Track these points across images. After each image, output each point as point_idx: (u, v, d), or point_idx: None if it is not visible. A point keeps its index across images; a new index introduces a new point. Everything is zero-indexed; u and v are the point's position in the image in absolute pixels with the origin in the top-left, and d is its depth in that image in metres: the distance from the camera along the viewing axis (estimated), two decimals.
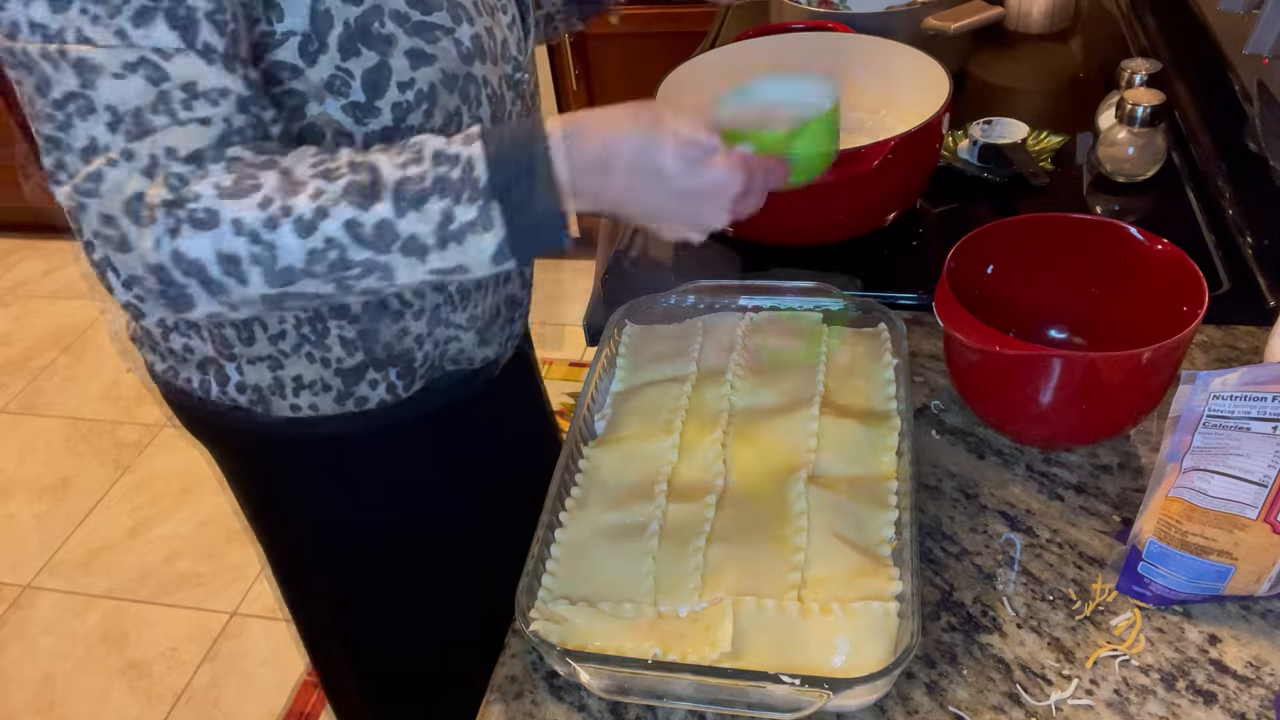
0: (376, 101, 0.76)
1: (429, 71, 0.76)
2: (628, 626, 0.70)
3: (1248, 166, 1.10)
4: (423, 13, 0.75)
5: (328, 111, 0.75)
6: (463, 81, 0.79)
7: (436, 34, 0.76)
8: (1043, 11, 1.55)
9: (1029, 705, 0.68)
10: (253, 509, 1.06)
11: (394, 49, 0.74)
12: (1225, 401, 0.66)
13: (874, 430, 0.83)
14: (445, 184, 0.64)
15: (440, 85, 0.77)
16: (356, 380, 0.89)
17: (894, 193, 1.08)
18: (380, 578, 1.07)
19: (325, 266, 0.65)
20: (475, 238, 0.65)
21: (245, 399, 0.89)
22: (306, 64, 0.72)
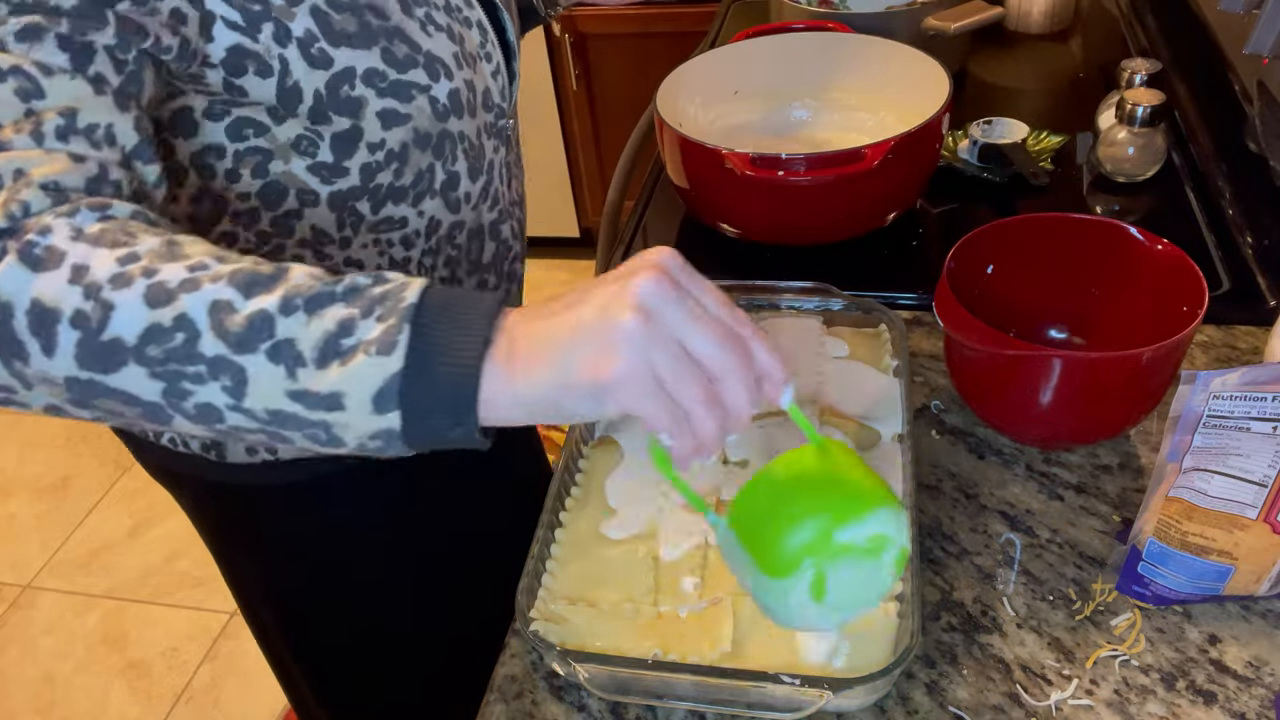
0: (345, 162, 0.73)
1: (401, 131, 0.73)
2: (628, 626, 0.70)
3: (1248, 166, 1.10)
4: (398, 71, 0.72)
5: (292, 170, 0.72)
6: (437, 139, 0.77)
7: (412, 92, 0.73)
8: (1043, 11, 1.55)
9: (1029, 705, 0.68)
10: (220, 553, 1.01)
11: (365, 110, 0.71)
12: (1225, 401, 0.66)
13: (874, 431, 0.83)
14: (358, 294, 0.52)
15: (413, 144, 0.75)
16: None
17: (894, 193, 1.08)
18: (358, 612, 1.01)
19: (162, 353, 0.50)
20: (365, 359, 0.50)
21: (198, 443, 0.85)
22: (274, 123, 0.70)
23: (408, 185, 0.77)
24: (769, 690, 0.64)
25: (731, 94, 1.24)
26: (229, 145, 0.70)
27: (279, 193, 0.73)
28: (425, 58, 0.73)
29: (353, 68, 0.69)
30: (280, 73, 0.67)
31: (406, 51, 0.72)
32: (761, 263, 1.10)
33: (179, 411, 0.52)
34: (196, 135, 0.69)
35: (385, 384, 0.50)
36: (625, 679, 0.67)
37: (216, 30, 0.64)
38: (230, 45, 0.65)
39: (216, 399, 0.51)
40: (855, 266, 1.08)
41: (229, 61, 0.65)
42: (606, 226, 1.28)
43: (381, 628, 1.01)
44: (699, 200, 1.13)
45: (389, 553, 0.97)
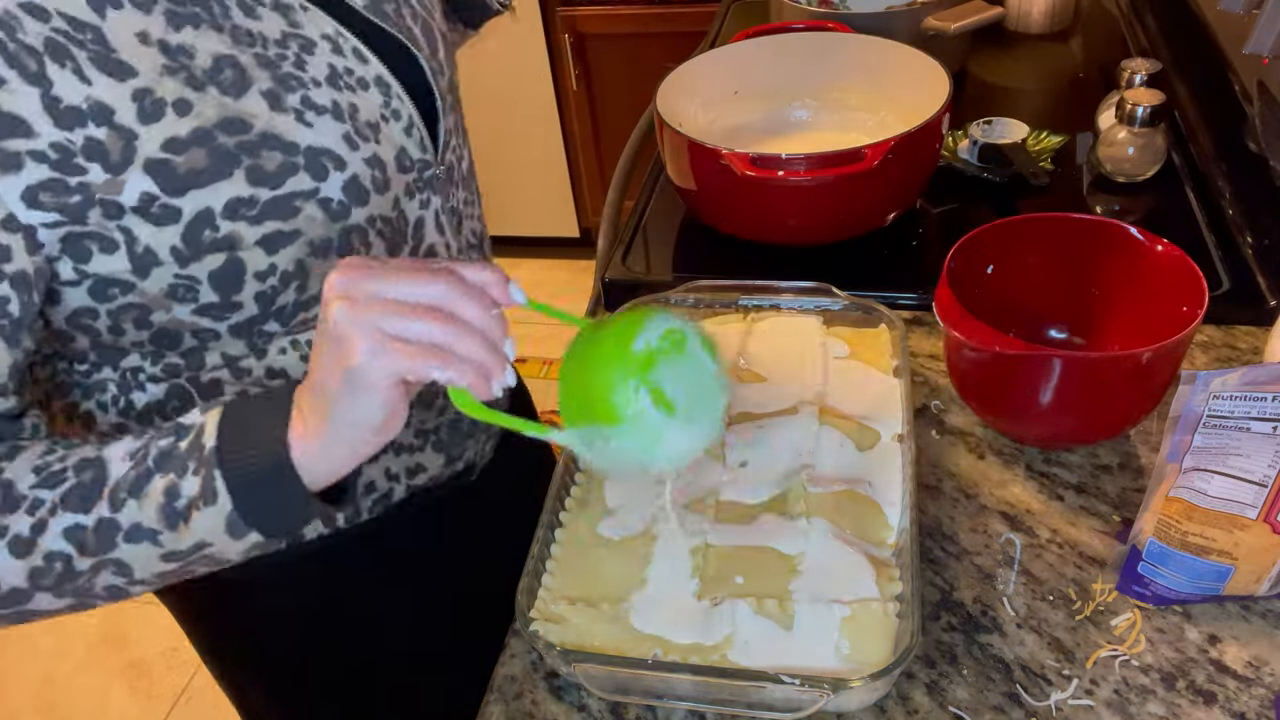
0: (234, 297, 0.66)
1: (291, 250, 0.66)
2: (628, 626, 0.70)
3: (1248, 166, 1.10)
4: (272, 188, 0.63)
5: (177, 316, 0.66)
6: (338, 240, 0.68)
7: (295, 203, 0.65)
8: (1043, 11, 1.55)
9: (1029, 705, 0.68)
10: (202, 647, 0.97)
11: (241, 244, 0.64)
12: (1225, 401, 0.66)
13: (874, 431, 0.84)
14: (168, 459, 0.57)
15: (309, 258, 0.67)
16: None
17: (894, 193, 1.08)
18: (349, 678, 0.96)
19: (52, 580, 0.58)
20: (200, 514, 0.56)
21: None
22: (139, 278, 0.63)
23: (316, 294, 0.69)
24: (769, 690, 0.64)
25: (732, 94, 1.24)
26: (99, 306, 0.65)
27: (172, 337, 0.68)
28: (305, 156, 0.65)
29: (209, 208, 0.62)
30: (126, 243, 0.61)
31: (280, 160, 0.64)
32: (761, 263, 1.10)
33: (97, 600, 0.60)
34: (61, 303, 0.64)
35: (228, 520, 0.57)
36: (625, 679, 0.67)
37: (41, 236, 0.59)
38: (61, 236, 0.60)
39: (116, 582, 0.59)
40: (855, 266, 1.08)
41: (69, 249, 0.61)
42: (606, 226, 1.28)
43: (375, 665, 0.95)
44: (699, 200, 1.13)
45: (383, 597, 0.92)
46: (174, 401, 0.73)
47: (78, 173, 0.58)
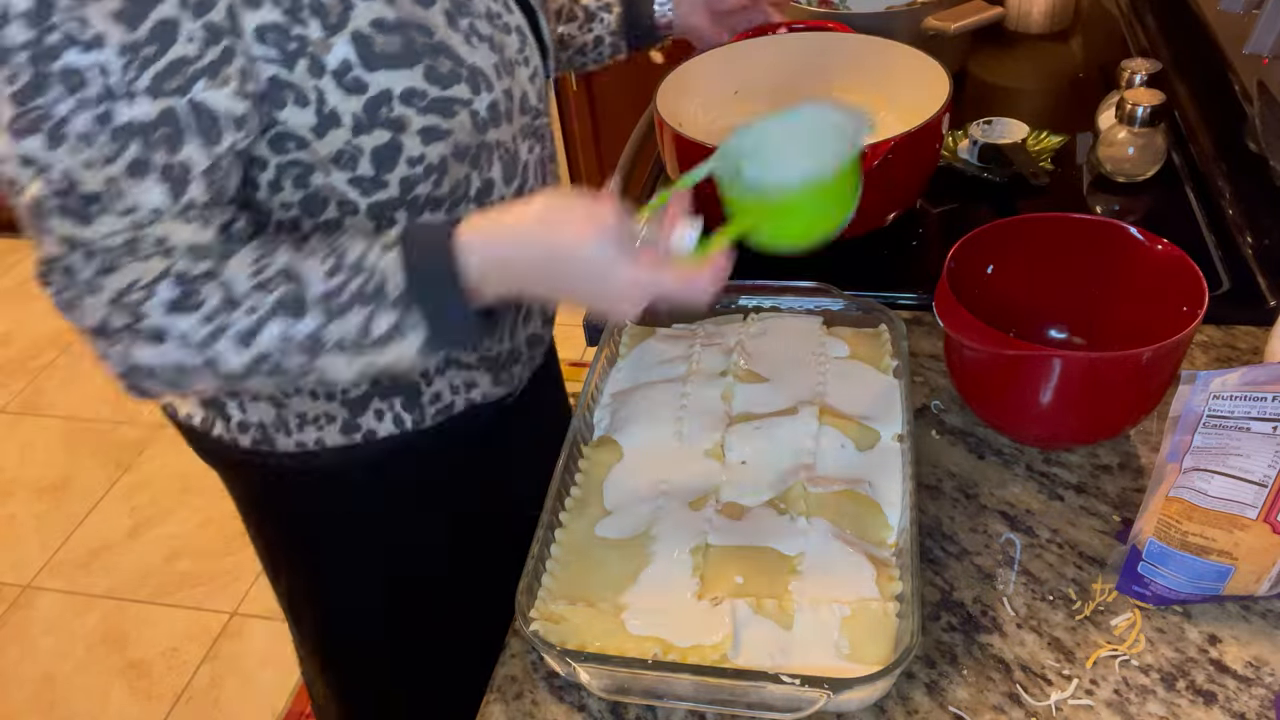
0: (385, 175, 0.75)
1: (441, 146, 0.76)
2: (627, 626, 0.70)
3: (1248, 166, 1.10)
4: (441, 88, 0.73)
5: (333, 182, 0.75)
6: (475, 150, 0.79)
7: (454, 108, 0.75)
8: (1043, 11, 1.55)
9: (1029, 705, 0.68)
10: (257, 531, 1.05)
11: (407, 128, 0.73)
12: (1225, 401, 0.66)
13: (874, 431, 0.84)
14: (363, 295, 0.66)
15: (452, 157, 0.77)
16: (361, 410, 0.87)
17: (894, 193, 1.08)
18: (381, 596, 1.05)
19: (264, 373, 0.68)
20: (395, 343, 0.67)
21: (249, 437, 0.88)
22: (315, 138, 0.72)
23: (445, 194, 0.79)
24: (769, 690, 0.64)
25: (732, 94, 1.24)
26: (271, 158, 0.73)
27: (319, 203, 0.76)
28: (468, 71, 0.75)
29: (389, 90, 0.71)
30: (317, 101, 0.70)
31: (450, 67, 0.74)
32: (761, 262, 1.10)
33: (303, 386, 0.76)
34: None
35: (420, 348, 0.68)
36: (625, 679, 0.67)
37: (259, 68, 0.68)
38: (269, 76, 0.68)
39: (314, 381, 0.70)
40: (855, 266, 1.08)
41: (270, 95, 0.69)
42: None
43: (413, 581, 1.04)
44: (697, 199, 1.13)
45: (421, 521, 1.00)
46: None
47: (300, 25, 0.68)
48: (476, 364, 0.91)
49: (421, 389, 0.89)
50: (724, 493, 0.79)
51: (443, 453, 0.94)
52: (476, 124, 0.77)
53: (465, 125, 0.76)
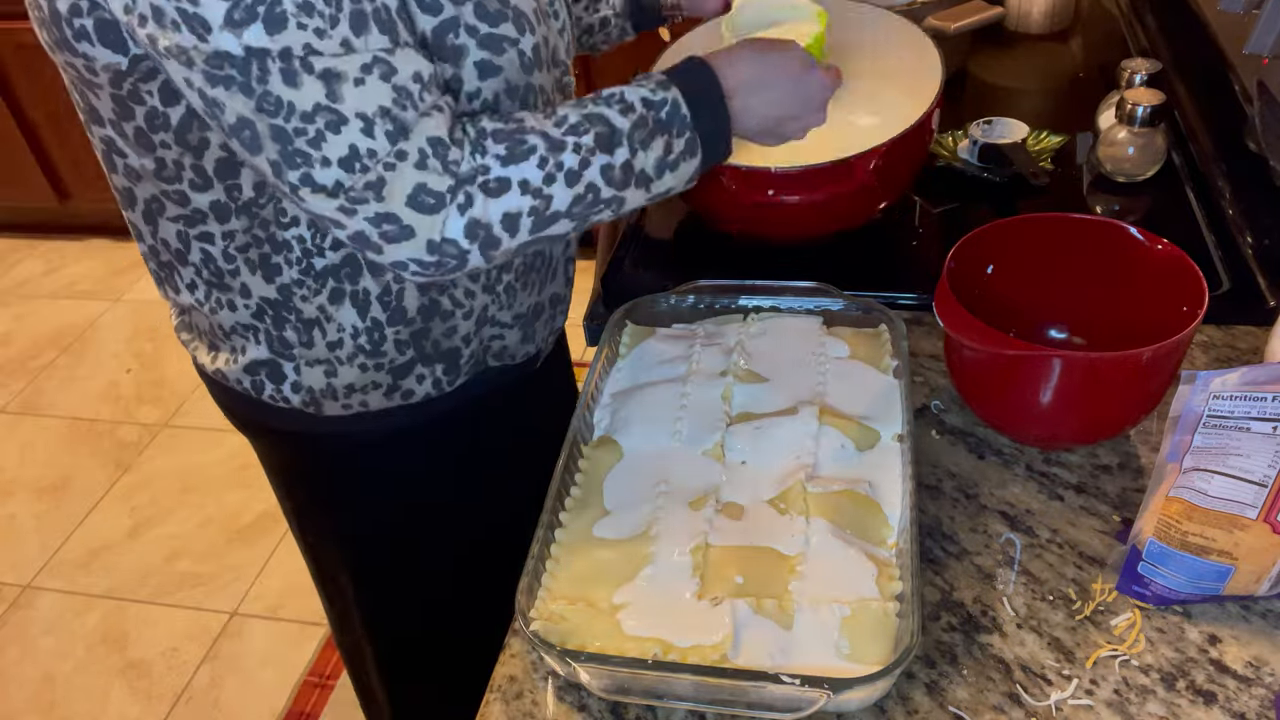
0: None
1: (494, 82, 0.78)
2: (628, 626, 0.70)
3: (1248, 166, 1.10)
4: (490, 25, 0.76)
5: None
6: (523, 91, 0.81)
7: (504, 45, 0.78)
8: (1043, 11, 1.55)
9: (1029, 705, 0.68)
10: (291, 497, 1.08)
11: (465, 59, 0.76)
12: (1225, 401, 0.66)
13: (874, 431, 0.83)
14: (662, 124, 0.76)
15: (504, 95, 0.79)
16: (404, 375, 0.91)
17: (884, 186, 1.08)
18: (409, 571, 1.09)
19: (582, 207, 0.75)
20: (687, 163, 0.79)
21: (299, 399, 0.91)
22: None
23: None
24: (769, 690, 0.64)
25: None
26: None
27: None
28: (513, 12, 0.78)
29: (456, 17, 0.75)
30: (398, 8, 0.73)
31: (497, 6, 0.77)
32: (762, 262, 1.10)
33: (580, 228, 0.78)
34: None
35: (695, 171, 0.80)
36: (625, 679, 0.67)
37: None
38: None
39: (607, 216, 0.78)
40: (855, 266, 1.08)
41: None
42: (606, 227, 1.28)
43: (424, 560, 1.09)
44: (693, 196, 1.13)
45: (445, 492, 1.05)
46: (347, 268, 0.83)
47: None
48: (511, 321, 0.95)
49: (461, 351, 0.93)
50: (724, 493, 0.79)
51: (469, 418, 0.99)
52: (523, 64, 0.80)
53: (514, 63, 0.79)
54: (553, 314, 1.02)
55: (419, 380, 0.92)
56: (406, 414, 0.94)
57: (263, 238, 0.82)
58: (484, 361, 0.96)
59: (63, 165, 2.95)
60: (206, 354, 0.93)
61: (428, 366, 0.92)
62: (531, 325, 0.98)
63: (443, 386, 0.94)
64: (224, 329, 0.89)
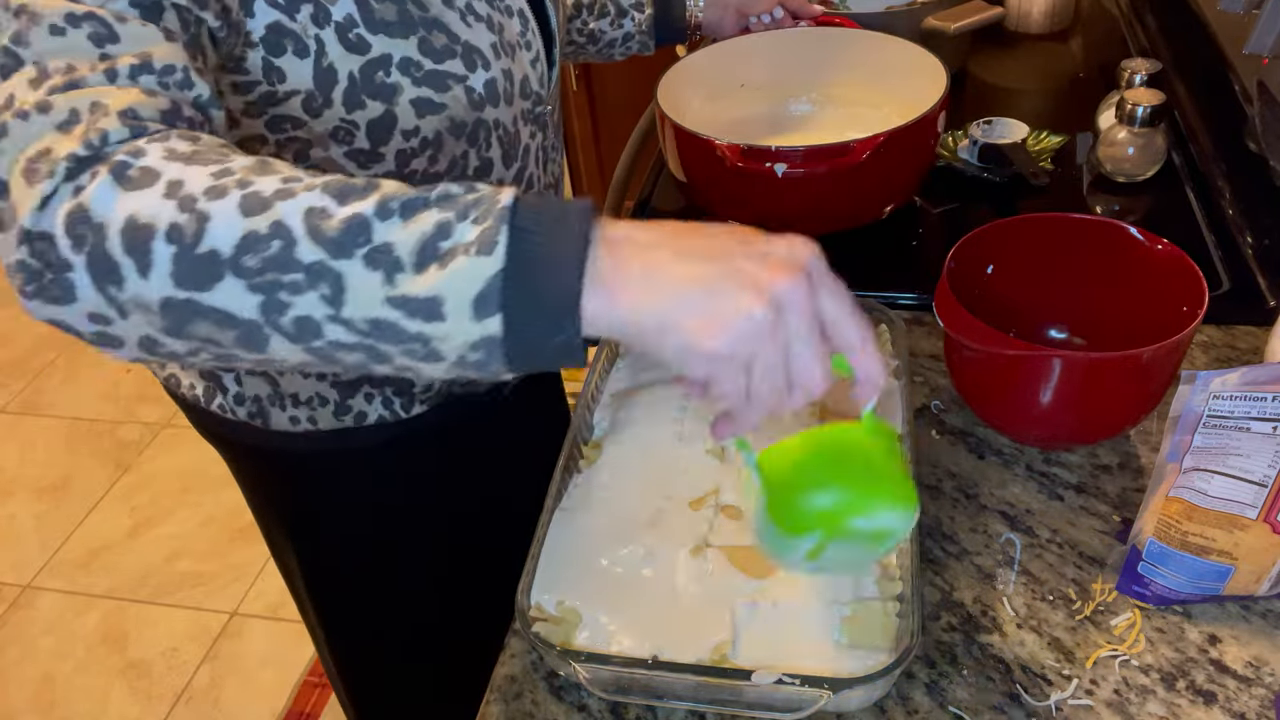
0: (380, 148, 0.75)
1: (435, 120, 0.75)
2: (628, 626, 0.70)
3: (1248, 166, 1.10)
4: (434, 61, 0.74)
5: (331, 156, 0.75)
6: (471, 127, 0.78)
7: (448, 82, 0.75)
8: (1043, 11, 1.55)
9: (1029, 705, 0.68)
10: (257, 512, 1.07)
11: (399, 97, 0.73)
12: (1225, 401, 0.66)
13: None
14: (451, 200, 0.50)
15: (447, 133, 0.77)
16: (352, 393, 0.89)
17: (888, 186, 1.08)
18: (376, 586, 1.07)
19: (259, 262, 0.48)
20: (465, 260, 0.48)
21: (245, 410, 0.90)
22: (310, 117, 0.72)
23: (442, 171, 0.79)
24: (769, 690, 0.64)
25: (738, 87, 1.24)
26: (270, 136, 0.73)
27: None
28: (463, 48, 0.75)
29: (389, 55, 0.71)
30: (316, 53, 0.69)
31: (445, 42, 0.74)
32: None
33: (276, 329, 0.50)
34: (238, 129, 0.72)
35: (486, 286, 0.48)
36: (625, 679, 0.67)
37: (257, 7, 0.67)
38: (269, 22, 0.67)
39: (315, 310, 0.49)
40: (855, 266, 1.07)
41: (268, 39, 0.67)
42: None
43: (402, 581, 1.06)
44: (696, 193, 1.13)
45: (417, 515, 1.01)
46: None
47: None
48: None
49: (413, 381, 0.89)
50: (724, 493, 0.79)
51: (435, 445, 0.95)
52: (472, 100, 0.77)
53: (460, 100, 0.76)
54: None
55: (368, 400, 0.89)
56: (361, 436, 0.91)
57: None
58: (445, 391, 0.93)
59: None
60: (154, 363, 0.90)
61: (377, 387, 0.89)
62: None
63: (396, 410, 0.91)
64: None
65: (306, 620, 1.18)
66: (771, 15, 1.23)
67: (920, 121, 1.02)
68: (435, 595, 1.08)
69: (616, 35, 1.16)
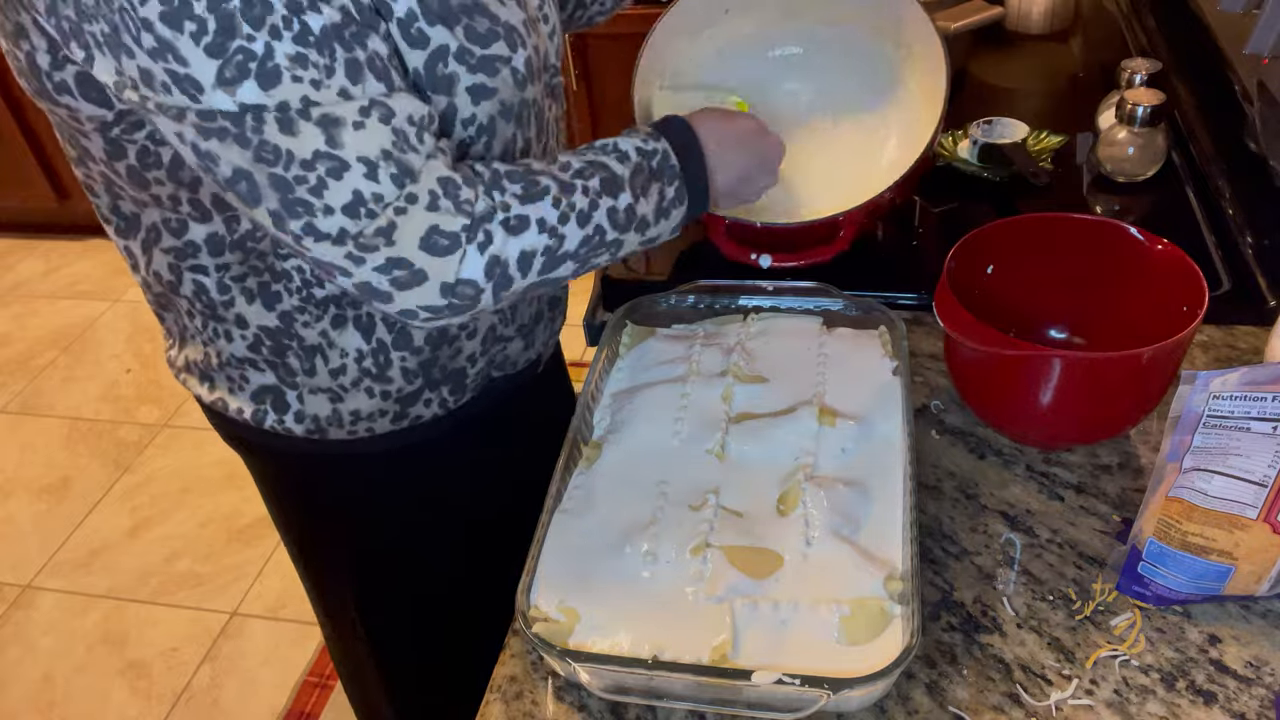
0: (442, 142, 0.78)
1: (489, 105, 0.77)
2: (628, 626, 0.70)
3: (1248, 166, 1.10)
4: (482, 47, 0.75)
5: None
6: (518, 107, 0.80)
7: (497, 65, 0.76)
8: (1043, 11, 1.55)
9: (1029, 705, 0.68)
10: (287, 513, 1.07)
11: (457, 86, 0.74)
12: (1225, 401, 0.66)
13: (873, 431, 0.83)
14: (654, 172, 0.79)
15: (499, 116, 0.78)
16: (413, 403, 0.90)
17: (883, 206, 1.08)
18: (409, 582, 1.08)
19: (588, 249, 0.76)
20: (676, 210, 0.81)
21: (303, 429, 0.90)
22: None
23: (496, 157, 0.81)
24: (769, 690, 0.64)
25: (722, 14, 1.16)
26: None
27: None
28: (504, 29, 0.76)
29: (446, 45, 0.73)
30: None
31: (487, 25, 0.75)
32: None
33: (581, 272, 0.79)
34: None
35: (682, 218, 0.84)
36: (625, 679, 0.67)
37: None
38: None
39: (605, 259, 0.79)
40: (855, 266, 1.08)
41: None
42: None
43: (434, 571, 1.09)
44: None
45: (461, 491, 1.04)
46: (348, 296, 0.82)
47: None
48: (514, 334, 0.95)
49: (467, 371, 0.93)
50: (724, 493, 0.79)
51: (476, 431, 0.99)
52: (516, 81, 0.78)
53: (508, 82, 0.78)
54: (552, 317, 1.02)
55: (426, 405, 0.92)
56: (411, 434, 0.93)
57: (261, 268, 0.80)
58: (488, 375, 0.96)
59: (63, 166, 2.95)
60: (200, 385, 0.92)
61: (434, 391, 0.91)
62: (532, 332, 0.98)
63: (449, 406, 0.94)
64: (220, 359, 0.87)
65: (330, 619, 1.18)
66: None
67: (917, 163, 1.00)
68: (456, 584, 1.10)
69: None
